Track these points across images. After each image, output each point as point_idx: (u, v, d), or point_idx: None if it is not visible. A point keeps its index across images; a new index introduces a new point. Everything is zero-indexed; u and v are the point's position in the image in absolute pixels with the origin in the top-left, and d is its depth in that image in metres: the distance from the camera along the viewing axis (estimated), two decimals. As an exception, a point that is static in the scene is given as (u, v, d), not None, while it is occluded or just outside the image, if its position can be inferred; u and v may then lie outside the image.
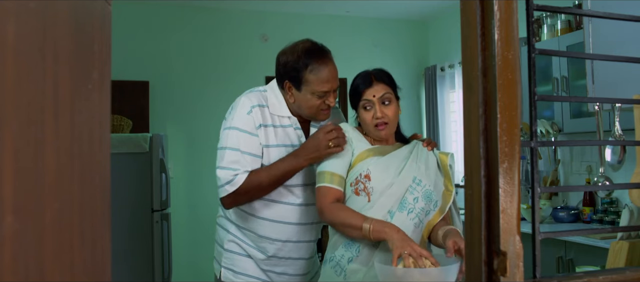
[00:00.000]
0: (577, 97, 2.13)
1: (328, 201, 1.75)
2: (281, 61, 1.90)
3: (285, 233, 1.91)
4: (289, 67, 1.86)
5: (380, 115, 1.77)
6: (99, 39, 0.57)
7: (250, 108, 1.87)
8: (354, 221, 1.68)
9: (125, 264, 3.95)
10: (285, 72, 1.88)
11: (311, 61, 1.84)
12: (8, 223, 0.39)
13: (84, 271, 0.52)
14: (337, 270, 1.74)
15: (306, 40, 1.92)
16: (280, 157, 1.87)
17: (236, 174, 1.81)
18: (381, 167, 1.76)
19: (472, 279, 0.69)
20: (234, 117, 1.87)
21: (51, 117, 0.45)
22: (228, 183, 1.81)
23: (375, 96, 1.77)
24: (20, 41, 0.41)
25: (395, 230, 1.62)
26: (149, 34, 4.99)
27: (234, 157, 1.82)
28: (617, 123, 1.88)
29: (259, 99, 1.90)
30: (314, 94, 1.85)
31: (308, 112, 1.90)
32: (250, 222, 1.93)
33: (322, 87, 1.84)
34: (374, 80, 1.79)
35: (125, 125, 4.35)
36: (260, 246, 1.93)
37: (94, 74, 0.55)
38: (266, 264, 1.94)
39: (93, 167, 0.55)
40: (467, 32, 0.70)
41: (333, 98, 1.89)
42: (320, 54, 1.87)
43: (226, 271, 1.98)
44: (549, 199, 4.06)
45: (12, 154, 0.40)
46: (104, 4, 0.59)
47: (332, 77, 1.86)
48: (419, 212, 1.74)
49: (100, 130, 0.57)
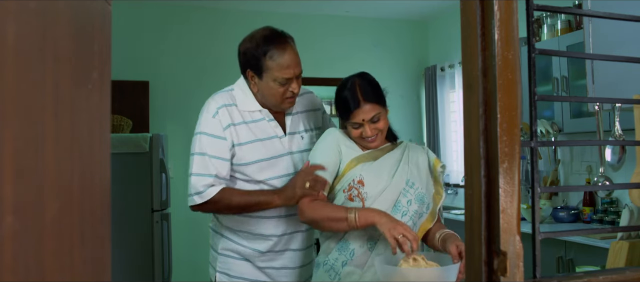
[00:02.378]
0: (577, 97, 2.13)
1: (307, 200, 1.74)
2: (241, 50, 1.88)
3: (279, 227, 1.90)
4: (249, 56, 1.84)
5: (371, 134, 1.74)
6: (99, 39, 0.57)
7: (216, 110, 1.85)
8: (337, 214, 1.66)
9: (125, 264, 3.95)
10: (245, 61, 1.86)
11: (270, 48, 1.80)
12: (8, 223, 0.39)
13: (84, 271, 0.52)
14: (331, 274, 1.73)
15: (265, 28, 1.88)
16: (255, 152, 1.86)
17: (207, 186, 1.81)
18: (374, 172, 1.74)
19: (472, 279, 0.69)
20: (200, 122, 1.88)
21: (51, 117, 0.45)
22: (197, 194, 1.82)
23: (364, 119, 1.73)
24: (20, 41, 0.41)
25: (382, 213, 1.62)
26: (149, 34, 4.99)
27: (202, 162, 1.83)
28: (617, 123, 1.88)
29: (226, 98, 1.88)
30: (276, 80, 1.81)
31: (273, 100, 1.87)
32: (243, 223, 1.91)
33: (283, 74, 1.81)
34: (362, 102, 1.72)
35: (125, 125, 4.35)
36: (256, 244, 1.91)
37: (94, 74, 0.55)
38: (263, 261, 1.92)
39: (93, 167, 0.55)
40: (467, 32, 0.70)
41: (297, 85, 1.85)
42: (279, 40, 1.83)
43: (221, 275, 1.96)
44: (549, 199, 4.06)
45: (12, 154, 0.40)
46: (104, 4, 0.59)
47: (294, 63, 1.82)
48: (413, 214, 1.74)
49: (100, 130, 0.57)
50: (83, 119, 0.52)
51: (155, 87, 4.89)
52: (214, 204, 1.84)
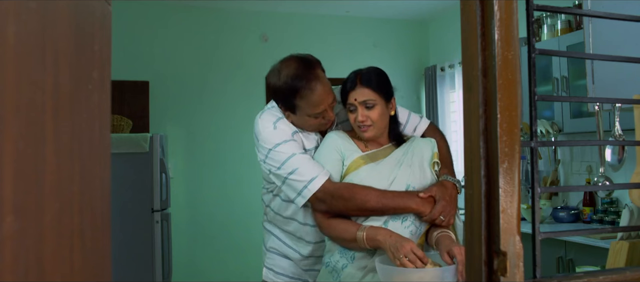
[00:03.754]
0: (577, 97, 2.13)
1: (324, 216, 1.74)
2: (270, 85, 1.83)
3: (318, 234, 1.89)
4: (279, 94, 1.80)
5: (362, 119, 1.73)
6: (99, 39, 0.57)
7: (273, 124, 1.80)
8: (348, 234, 1.67)
9: (125, 264, 3.95)
10: (276, 99, 1.83)
11: (299, 87, 1.74)
12: (8, 223, 0.39)
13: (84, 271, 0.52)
14: (333, 275, 1.73)
15: (290, 61, 1.80)
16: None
17: (318, 175, 1.72)
18: (374, 177, 1.72)
19: (472, 279, 0.69)
20: (266, 138, 1.79)
21: (51, 117, 0.45)
22: (314, 178, 1.71)
23: (356, 100, 1.73)
24: (20, 41, 0.41)
25: (388, 235, 1.61)
26: (149, 34, 4.99)
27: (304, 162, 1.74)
28: (617, 123, 1.88)
29: (274, 113, 1.85)
30: (310, 116, 1.79)
31: (310, 130, 1.86)
32: (286, 224, 1.93)
33: (315, 110, 1.77)
34: (359, 84, 1.74)
35: (125, 125, 4.35)
36: (297, 247, 1.93)
37: (94, 74, 0.55)
38: (305, 264, 1.94)
39: (93, 167, 0.55)
40: (467, 32, 0.70)
41: (331, 111, 1.82)
42: (307, 76, 1.75)
43: (267, 271, 2.00)
44: (549, 199, 4.06)
45: (12, 154, 0.40)
46: (104, 4, 0.59)
47: (325, 97, 1.76)
48: (414, 219, 1.71)
49: (100, 130, 0.57)
50: (83, 119, 0.52)
51: (155, 87, 4.89)
52: (332, 196, 1.72)
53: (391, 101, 1.80)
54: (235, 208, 5.08)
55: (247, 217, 4.98)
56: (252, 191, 4.84)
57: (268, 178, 1.89)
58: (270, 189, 1.95)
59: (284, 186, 1.78)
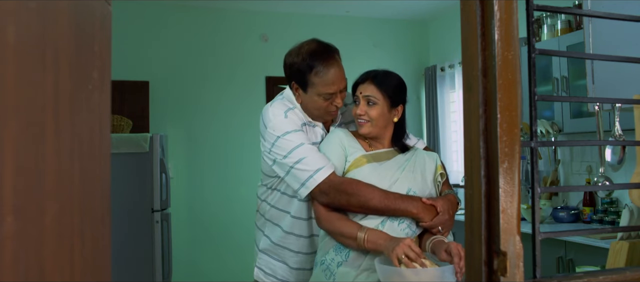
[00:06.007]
0: (577, 97, 2.13)
1: (325, 209, 1.74)
2: (287, 62, 1.88)
3: (309, 228, 1.90)
4: (294, 69, 1.84)
5: (360, 112, 1.77)
6: (99, 39, 0.57)
7: (284, 113, 1.83)
8: (348, 231, 1.68)
9: (125, 264, 3.95)
10: (291, 74, 1.87)
11: (316, 63, 1.81)
12: (8, 223, 0.39)
13: (84, 271, 0.52)
14: (327, 274, 1.74)
15: (312, 41, 1.89)
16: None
17: (324, 166, 1.72)
18: (376, 177, 1.74)
19: (472, 279, 0.69)
20: (275, 126, 1.80)
21: (51, 117, 0.45)
22: (320, 169, 1.71)
23: (361, 93, 1.78)
24: (20, 41, 0.41)
25: (388, 239, 1.63)
26: (149, 34, 4.99)
27: (306, 150, 1.75)
28: (617, 123, 1.88)
29: (285, 104, 1.87)
30: (320, 95, 1.82)
31: (316, 113, 1.88)
32: (280, 219, 1.94)
33: (327, 89, 1.81)
34: (368, 80, 1.79)
35: (125, 125, 4.35)
36: (287, 243, 1.93)
37: (94, 74, 0.55)
38: (296, 263, 1.94)
39: (93, 167, 0.55)
40: (467, 32, 0.70)
41: (340, 99, 1.86)
42: (325, 56, 1.83)
43: (258, 271, 2.02)
44: (549, 199, 4.06)
45: (12, 154, 0.40)
46: (104, 4, 0.59)
47: (338, 79, 1.82)
48: (410, 222, 1.74)
49: (100, 130, 0.57)
50: (83, 119, 0.52)
51: (155, 87, 4.90)
52: (337, 189, 1.71)
53: (397, 108, 1.81)
54: (235, 208, 5.08)
55: (247, 217, 4.97)
56: (252, 191, 4.82)
57: (269, 171, 1.90)
58: (269, 184, 1.95)
59: (287, 177, 1.79)
